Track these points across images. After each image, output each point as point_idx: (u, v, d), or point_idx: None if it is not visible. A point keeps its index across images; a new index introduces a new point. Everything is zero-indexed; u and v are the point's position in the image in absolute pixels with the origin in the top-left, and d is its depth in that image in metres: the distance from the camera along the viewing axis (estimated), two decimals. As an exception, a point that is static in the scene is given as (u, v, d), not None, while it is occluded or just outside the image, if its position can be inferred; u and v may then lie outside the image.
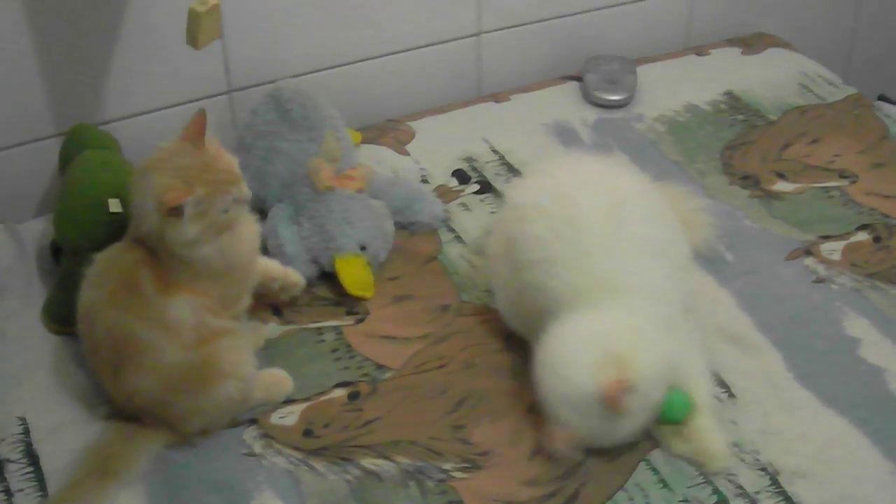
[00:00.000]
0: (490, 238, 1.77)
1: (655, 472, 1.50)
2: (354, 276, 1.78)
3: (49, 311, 1.73)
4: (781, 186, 2.01)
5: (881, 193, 1.98)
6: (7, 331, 1.72)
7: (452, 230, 1.92)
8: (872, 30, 2.72)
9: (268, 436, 1.56)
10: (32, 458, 1.53)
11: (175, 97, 2.03)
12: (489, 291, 1.74)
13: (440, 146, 2.11)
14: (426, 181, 2.03)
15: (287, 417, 1.59)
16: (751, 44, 2.42)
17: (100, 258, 1.54)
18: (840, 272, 1.81)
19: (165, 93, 2.02)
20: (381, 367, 1.67)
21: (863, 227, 1.90)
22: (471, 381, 1.64)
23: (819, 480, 1.48)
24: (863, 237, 1.88)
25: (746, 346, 1.68)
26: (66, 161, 1.80)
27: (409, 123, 2.18)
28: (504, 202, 1.80)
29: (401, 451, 1.54)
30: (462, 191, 2.01)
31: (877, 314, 1.73)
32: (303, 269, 1.78)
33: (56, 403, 1.61)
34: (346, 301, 1.78)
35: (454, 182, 2.03)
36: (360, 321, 1.75)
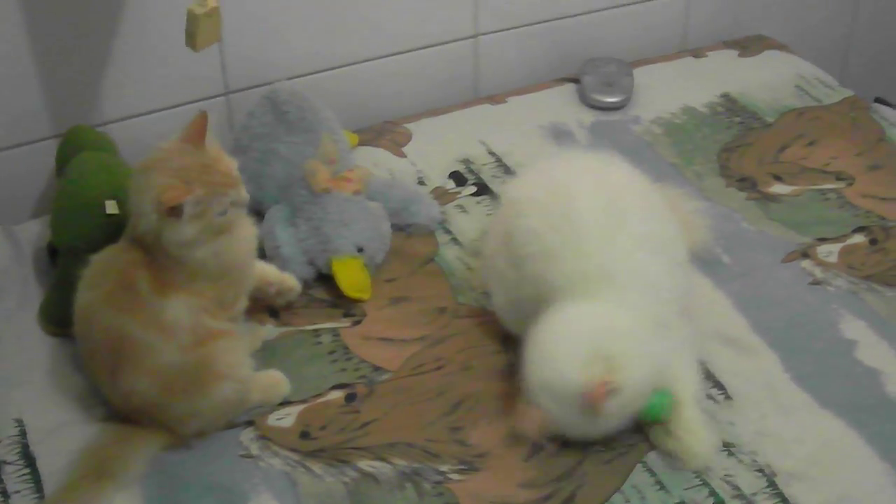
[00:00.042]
0: (487, 235, 1.77)
1: (652, 474, 1.50)
2: (351, 278, 1.78)
3: (46, 313, 1.73)
4: (778, 189, 2.01)
5: (878, 196, 1.98)
6: (3, 332, 1.72)
7: (449, 232, 1.92)
8: (869, 32, 2.72)
9: (265, 437, 1.56)
10: (29, 460, 1.53)
11: (172, 99, 2.03)
12: (486, 293, 1.75)
13: (437, 148, 2.11)
14: (423, 183, 2.03)
15: (284, 419, 1.59)
16: (747, 46, 2.43)
17: (96, 259, 1.54)
18: (837, 274, 1.81)
19: (162, 94, 2.02)
20: (378, 369, 1.67)
21: (859, 230, 1.90)
22: (468, 383, 1.64)
23: (816, 482, 1.48)
24: (859, 239, 1.88)
25: (743, 348, 1.68)
26: (63, 162, 1.80)
27: (406, 125, 2.18)
28: (501, 198, 1.81)
29: (398, 453, 1.54)
30: (459, 193, 2.01)
31: (873, 316, 1.73)
32: (299, 271, 1.78)
33: (53, 405, 1.61)
34: (343, 303, 1.78)
35: (451, 184, 2.03)
36: (357, 323, 1.75)
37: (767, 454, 1.52)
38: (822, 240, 1.88)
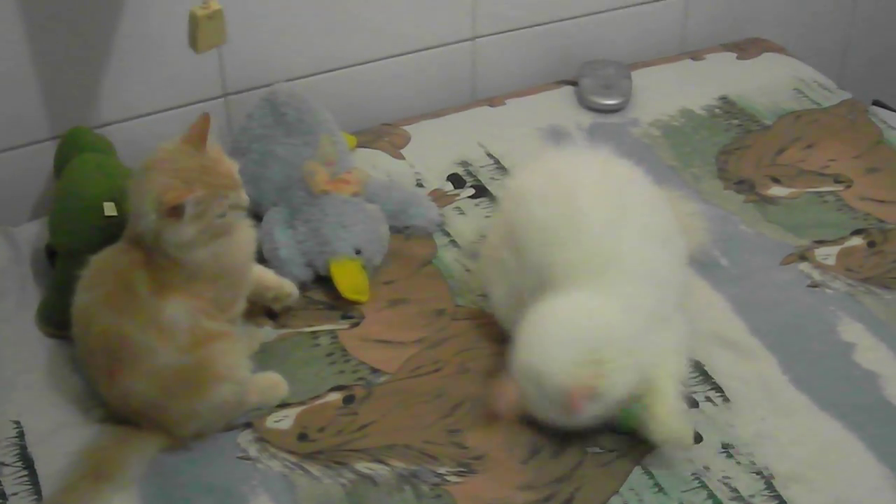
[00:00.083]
0: (488, 229, 1.77)
1: (650, 477, 1.50)
2: (349, 280, 1.78)
3: (44, 315, 1.73)
4: (776, 191, 2.01)
5: (875, 198, 1.98)
6: (2, 334, 1.72)
7: (447, 234, 1.92)
8: (867, 35, 2.72)
9: (263, 439, 1.56)
10: (27, 462, 1.53)
11: (171, 101, 2.03)
12: (484, 296, 1.75)
13: (435, 150, 2.11)
14: (421, 185, 2.03)
15: (282, 421, 1.59)
16: (746, 49, 2.43)
17: (95, 260, 1.54)
18: (834, 277, 1.81)
19: (161, 96, 2.02)
20: (376, 371, 1.67)
21: (857, 232, 1.90)
22: (466, 386, 1.64)
23: (813, 484, 1.48)
24: (857, 242, 1.88)
25: (741, 351, 1.68)
26: (62, 164, 1.80)
27: (405, 127, 2.18)
28: (504, 189, 1.81)
29: (396, 455, 1.54)
30: (457, 195, 2.01)
31: (871, 319, 1.73)
32: (298, 273, 1.78)
33: (51, 407, 1.61)
34: (341, 305, 1.77)
35: (449, 186, 2.03)
36: (356, 325, 1.75)
37: (765, 456, 1.52)
38: (820, 242, 1.88)
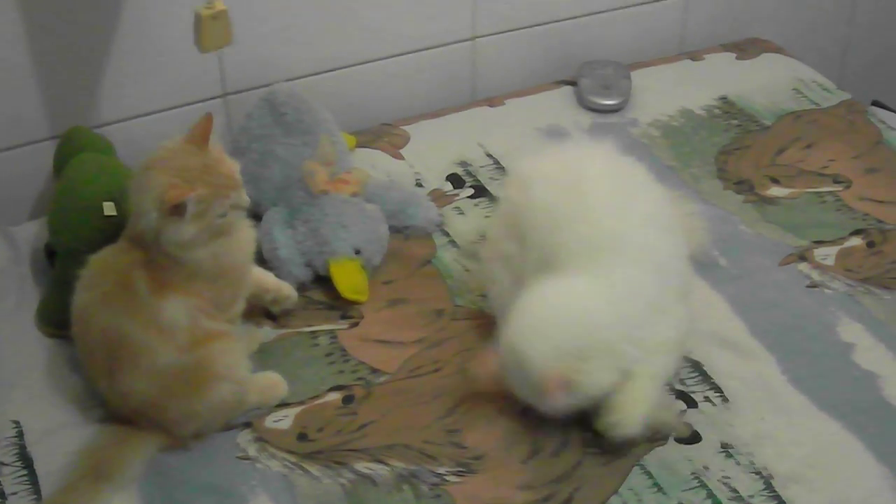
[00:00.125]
0: (489, 229, 1.77)
1: (649, 476, 1.50)
2: (349, 280, 1.78)
3: (43, 314, 1.73)
4: (775, 191, 2.01)
5: (875, 198, 1.98)
6: (1, 333, 1.72)
7: (447, 234, 1.92)
8: (866, 35, 2.72)
9: (262, 439, 1.56)
10: (26, 462, 1.53)
11: (170, 100, 2.03)
12: (484, 296, 1.75)
13: (435, 150, 2.11)
14: (421, 185, 2.03)
15: (281, 421, 1.59)
16: (745, 49, 2.43)
17: (94, 259, 1.54)
18: (834, 277, 1.81)
19: (161, 96, 2.02)
20: (376, 371, 1.67)
21: (856, 232, 1.90)
22: (465, 386, 1.63)
23: (813, 485, 1.48)
24: (856, 242, 1.88)
25: (740, 351, 1.68)
26: (61, 164, 1.80)
27: (404, 127, 2.18)
28: (510, 176, 1.82)
29: (395, 455, 1.54)
30: (456, 195, 2.01)
31: (870, 319, 1.73)
32: (297, 273, 1.78)
33: (50, 407, 1.61)
34: (341, 305, 1.77)
35: (448, 186, 2.03)
36: (355, 325, 1.75)
37: (765, 456, 1.52)
38: (820, 242, 1.88)
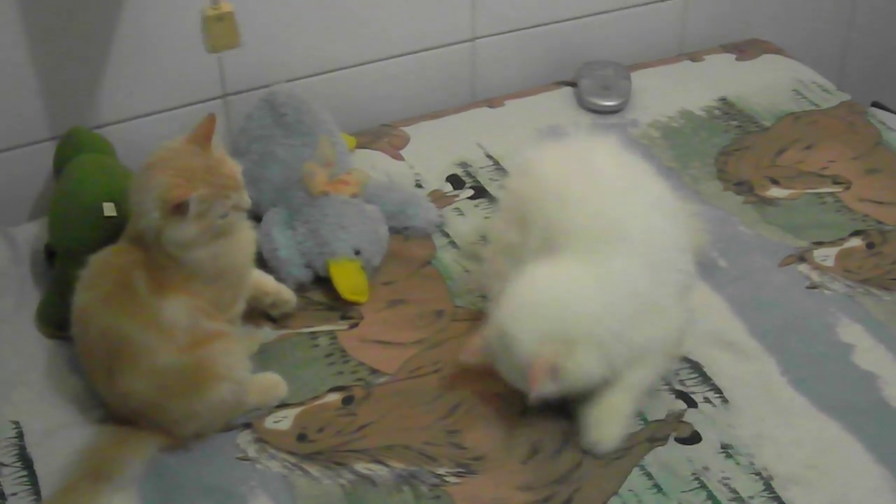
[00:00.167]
0: (492, 226, 1.78)
1: (649, 478, 1.50)
2: (348, 281, 1.78)
3: (43, 315, 1.73)
4: (775, 192, 2.01)
5: (874, 199, 1.98)
6: (1, 334, 1.72)
7: (447, 235, 1.92)
8: (866, 36, 2.72)
9: (262, 440, 1.56)
10: (26, 462, 1.53)
11: (170, 101, 2.03)
12: (484, 296, 1.75)
13: (434, 151, 2.11)
14: (420, 186, 2.03)
15: (281, 422, 1.59)
16: (745, 50, 2.43)
17: (94, 260, 1.54)
18: (833, 278, 1.81)
19: (161, 97, 2.02)
20: (376, 372, 1.67)
21: (856, 233, 1.90)
22: (465, 387, 1.63)
23: (812, 486, 1.49)
24: (856, 243, 1.89)
25: (740, 352, 1.68)
26: (61, 164, 1.80)
27: (404, 128, 2.18)
28: (516, 167, 1.82)
29: (395, 456, 1.54)
30: (456, 196, 2.01)
31: (870, 320, 1.73)
32: (297, 274, 1.78)
33: (50, 407, 1.61)
34: (341, 306, 1.78)
35: (448, 187, 2.03)
36: (355, 326, 1.75)
37: (765, 457, 1.52)
38: (819, 243, 1.88)
